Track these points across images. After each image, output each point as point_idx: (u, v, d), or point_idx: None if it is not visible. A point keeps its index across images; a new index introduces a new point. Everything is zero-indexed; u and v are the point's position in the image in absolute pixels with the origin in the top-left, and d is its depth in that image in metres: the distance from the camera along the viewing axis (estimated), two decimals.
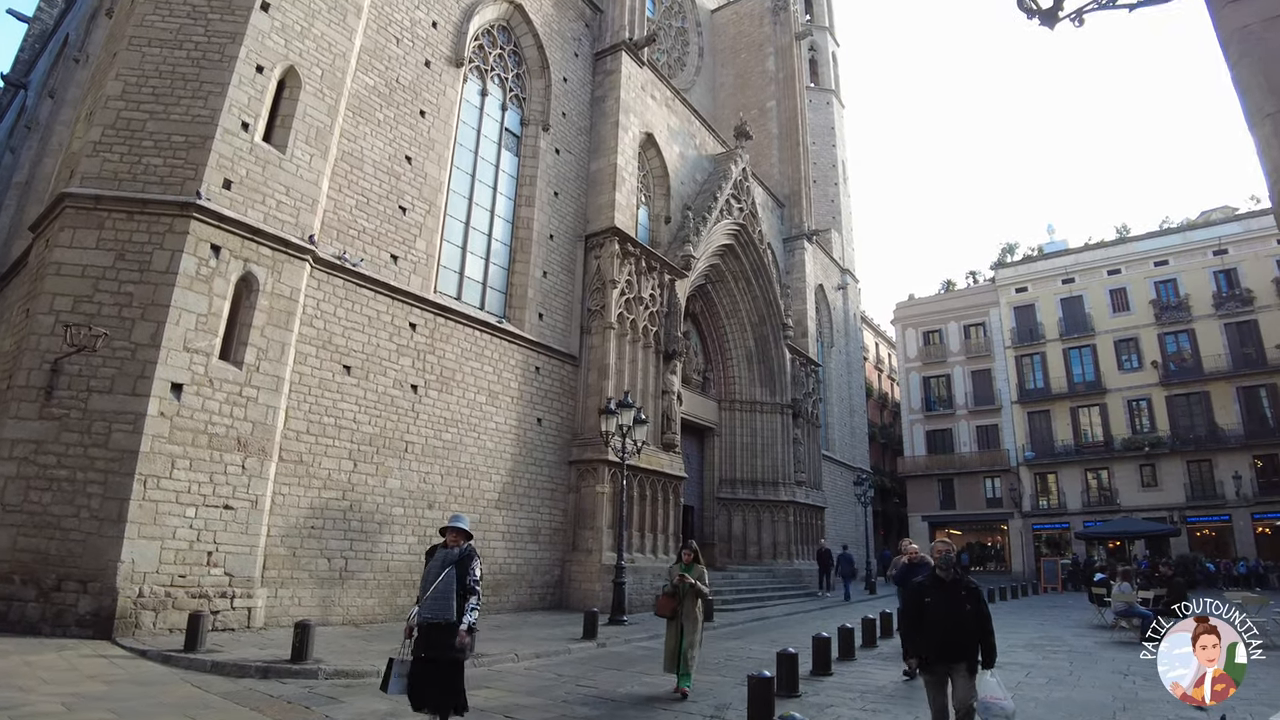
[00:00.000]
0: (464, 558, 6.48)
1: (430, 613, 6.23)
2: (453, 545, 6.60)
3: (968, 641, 6.00)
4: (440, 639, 6.22)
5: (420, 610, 6.31)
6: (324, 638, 12.12)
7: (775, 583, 25.90)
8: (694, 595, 9.06)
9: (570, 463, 19.70)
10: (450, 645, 6.21)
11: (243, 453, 12.60)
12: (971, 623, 6.03)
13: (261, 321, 13.26)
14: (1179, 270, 43.76)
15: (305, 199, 14.32)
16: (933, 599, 6.19)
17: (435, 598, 6.25)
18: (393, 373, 15.48)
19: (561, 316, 20.40)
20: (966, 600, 6.14)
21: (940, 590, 6.24)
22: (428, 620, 6.23)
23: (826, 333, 39.77)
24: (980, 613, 6.12)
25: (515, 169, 20.48)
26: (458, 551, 6.52)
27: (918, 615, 6.29)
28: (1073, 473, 44.05)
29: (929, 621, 6.13)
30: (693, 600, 9.05)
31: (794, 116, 37.71)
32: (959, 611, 6.06)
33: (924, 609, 6.22)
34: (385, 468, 15.05)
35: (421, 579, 6.63)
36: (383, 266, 15.75)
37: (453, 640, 6.20)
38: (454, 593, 6.27)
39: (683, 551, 9.53)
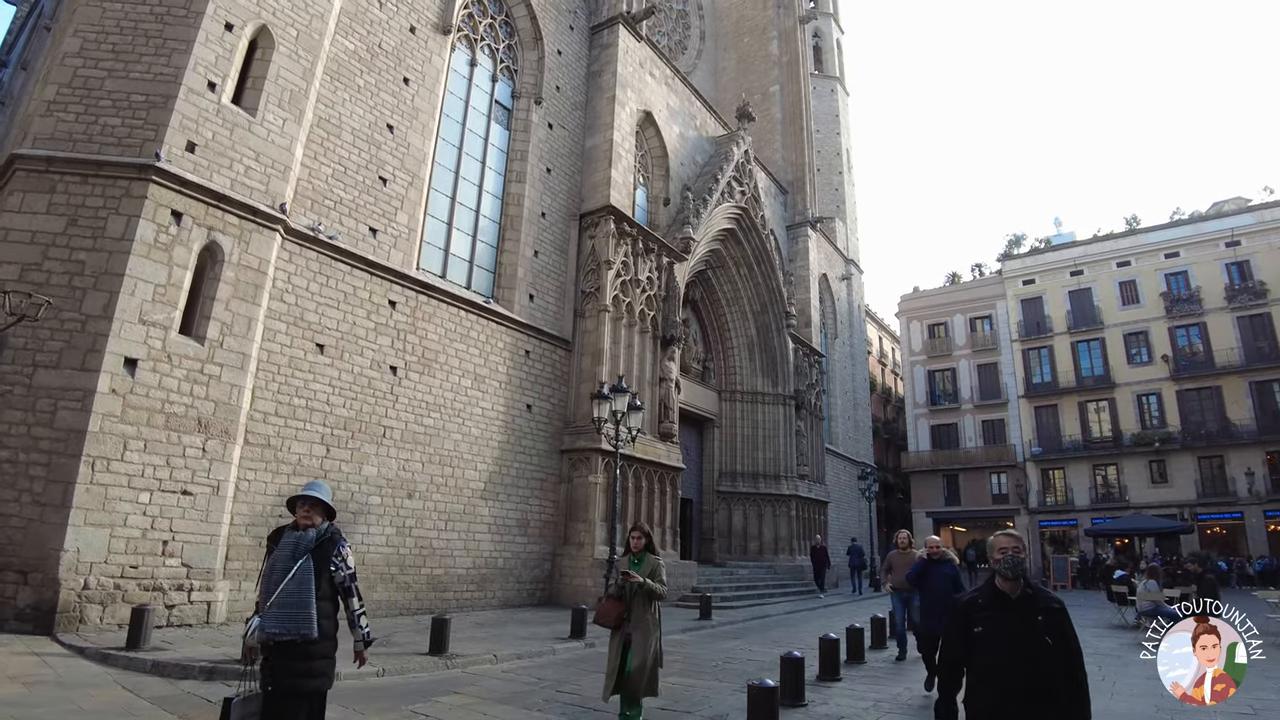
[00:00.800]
0: (324, 543, 4.54)
1: (277, 625, 4.31)
2: (305, 525, 4.58)
3: (1047, 700, 3.59)
4: (295, 663, 4.38)
5: (262, 622, 4.32)
6: None
7: (776, 579, 24.96)
8: (645, 598, 6.56)
9: (562, 452, 18.76)
10: (312, 671, 4.45)
11: (204, 434, 11.67)
12: (1054, 664, 3.62)
13: (227, 294, 12.34)
14: (1190, 262, 42.71)
15: (277, 165, 13.39)
16: (989, 626, 3.72)
17: (284, 604, 4.32)
18: (370, 353, 14.53)
19: (554, 298, 19.44)
20: (1045, 627, 3.68)
21: (1002, 612, 3.74)
22: (274, 636, 4.33)
23: (830, 324, 38.79)
24: (1069, 648, 3.69)
25: (505, 143, 19.51)
26: (313, 535, 4.53)
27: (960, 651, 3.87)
28: (1080, 469, 43.03)
29: (983, 665, 3.74)
30: (644, 605, 6.56)
31: (798, 101, 36.71)
32: (1033, 646, 3.62)
33: (973, 642, 3.77)
34: (361, 454, 14.11)
35: (261, 575, 4.58)
36: (360, 240, 14.81)
37: (314, 664, 4.45)
38: (311, 595, 4.34)
39: (630, 538, 6.85)
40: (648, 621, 6.56)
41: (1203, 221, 44.68)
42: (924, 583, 9.26)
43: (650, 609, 6.60)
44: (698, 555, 25.38)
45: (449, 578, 15.43)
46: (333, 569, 4.53)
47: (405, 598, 14.46)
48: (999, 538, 4.03)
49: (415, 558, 14.78)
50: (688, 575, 20.57)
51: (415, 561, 14.77)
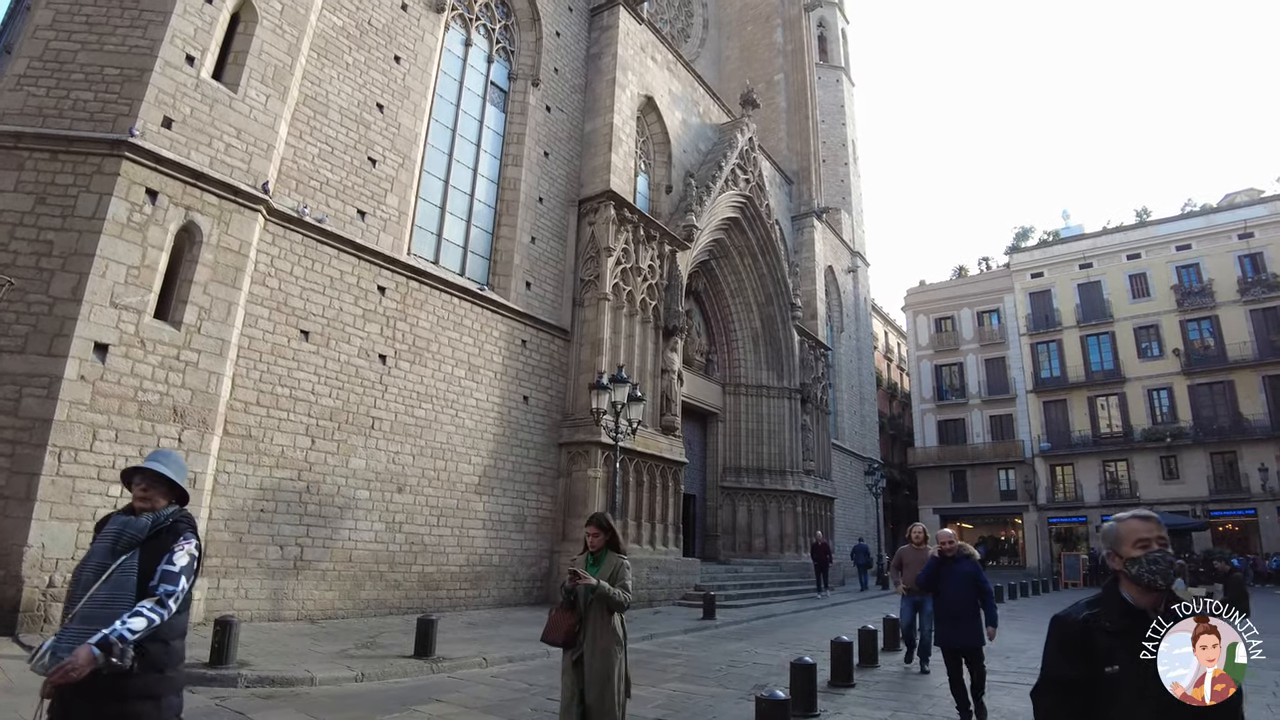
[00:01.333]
0: (160, 534, 3.15)
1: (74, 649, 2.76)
2: (141, 509, 3.25)
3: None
4: (100, 705, 2.88)
5: (55, 644, 2.87)
6: (270, 635, 10.65)
7: (782, 577, 24.31)
8: (603, 608, 5.01)
9: (560, 445, 18.11)
10: (125, 717, 2.93)
11: (179, 424, 11.06)
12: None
13: (205, 277, 11.73)
14: (1202, 254, 41.98)
15: (259, 144, 12.77)
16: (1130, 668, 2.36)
17: (89, 617, 2.90)
18: (358, 340, 13.90)
19: (551, 286, 18.78)
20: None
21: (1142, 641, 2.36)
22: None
23: (836, 317, 38.09)
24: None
25: (502, 126, 18.85)
26: (147, 522, 3.17)
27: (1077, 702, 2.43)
28: (1090, 464, 42.34)
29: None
30: (602, 618, 5.01)
31: (803, 90, 36.01)
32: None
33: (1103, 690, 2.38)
34: (348, 446, 13.48)
35: (72, 576, 3.25)
36: (348, 222, 14.17)
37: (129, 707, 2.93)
38: (129, 608, 2.91)
39: (587, 533, 5.36)
40: (608, 640, 4.96)
41: (1215, 213, 43.98)
42: (938, 585, 7.55)
43: (611, 623, 5.00)
44: (701, 552, 24.74)
45: (441, 575, 14.80)
46: (168, 572, 3.04)
47: (395, 596, 13.84)
48: (1129, 522, 2.53)
49: (406, 554, 14.16)
50: (691, 573, 19.93)
51: (406, 558, 14.14)
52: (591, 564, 5.15)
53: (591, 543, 5.25)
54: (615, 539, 5.30)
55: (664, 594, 18.49)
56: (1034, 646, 12.93)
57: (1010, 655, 11.82)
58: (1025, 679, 9.64)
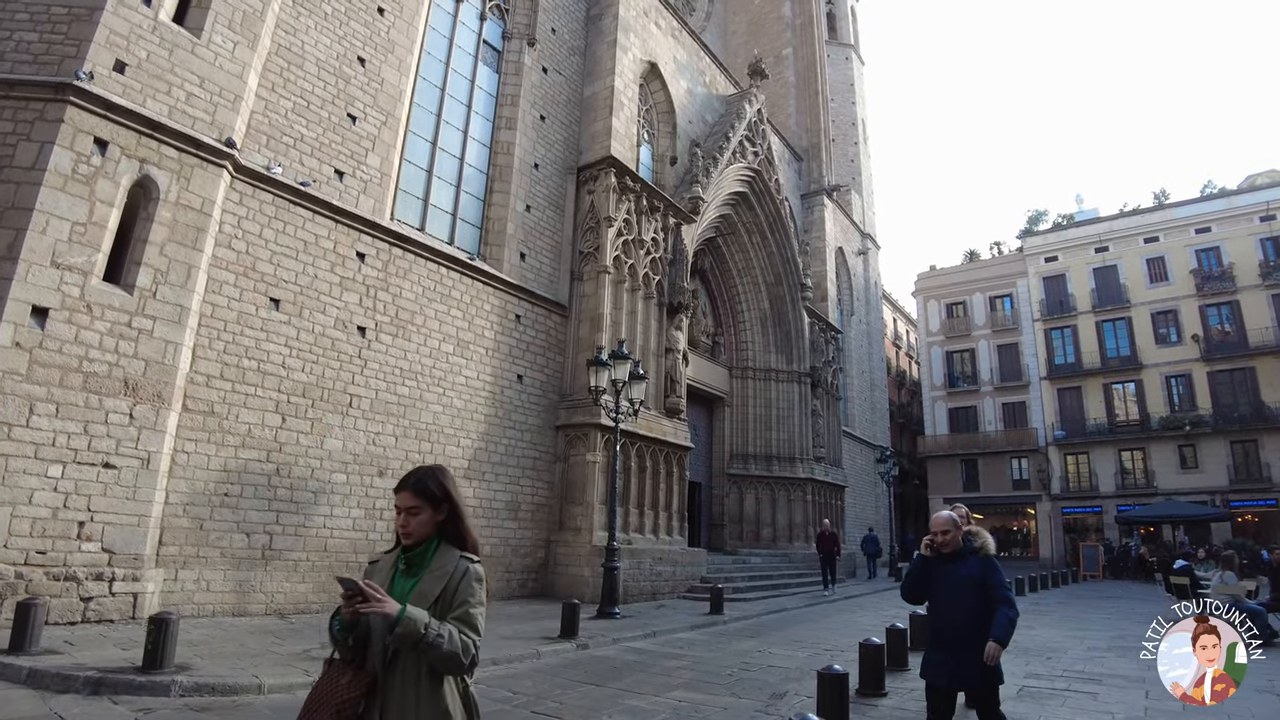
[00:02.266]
0: None
1: None
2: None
3: None
4: None
5: None
6: (228, 632, 9.55)
7: (792, 568, 23.19)
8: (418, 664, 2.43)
9: (557, 428, 16.98)
10: None
11: (131, 398, 9.95)
12: None
13: (162, 237, 10.60)
14: (1222, 238, 40.61)
15: (225, 94, 11.62)
16: None
17: None
18: (334, 310, 12.75)
19: (548, 259, 17.60)
20: None
21: None
22: None
23: (846, 300, 36.86)
24: None
25: (495, 87, 17.64)
26: None
27: None
28: (1106, 453, 41.07)
29: None
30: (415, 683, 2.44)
31: (812, 65, 34.72)
32: None
33: None
34: (323, 425, 12.35)
35: None
36: (325, 182, 13.01)
37: None
38: None
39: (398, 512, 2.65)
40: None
41: (1235, 195, 42.59)
42: (931, 595, 5.11)
43: (437, 696, 2.46)
44: (707, 543, 23.65)
45: None
46: None
47: None
48: None
49: (388, 544, 13.01)
50: (697, 564, 18.82)
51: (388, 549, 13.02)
52: (403, 570, 2.66)
53: (404, 527, 2.63)
54: (462, 528, 2.71)
55: (668, 587, 17.38)
56: (1074, 645, 11.80)
57: (1051, 655, 10.67)
58: (1080, 684, 8.50)
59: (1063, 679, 8.87)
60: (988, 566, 4.90)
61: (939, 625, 4.98)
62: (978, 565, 4.89)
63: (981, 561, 4.93)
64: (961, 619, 4.80)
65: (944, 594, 4.93)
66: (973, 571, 4.86)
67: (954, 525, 4.96)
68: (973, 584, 4.83)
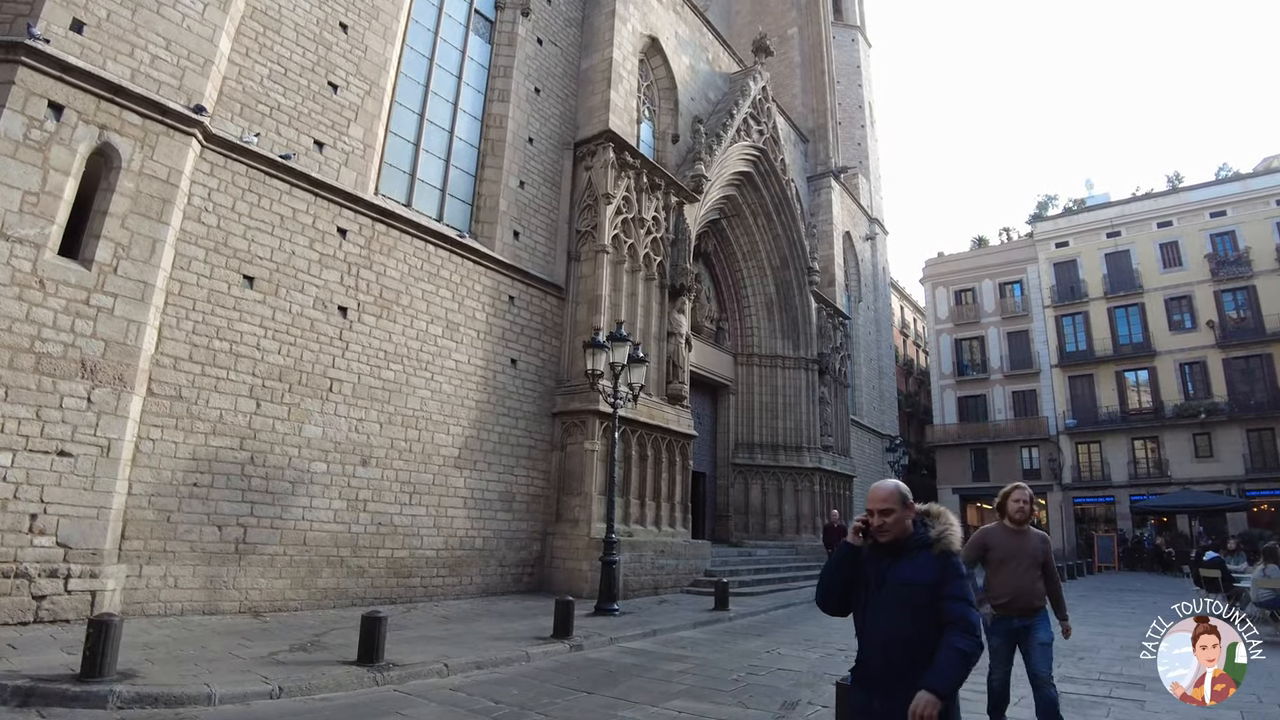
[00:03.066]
0: None
1: None
2: None
3: None
4: None
5: None
6: (192, 633, 8.83)
7: (799, 560, 22.41)
8: None
9: (554, 415, 16.22)
10: None
11: (89, 381, 9.22)
12: None
13: (124, 209, 9.86)
14: (1238, 221, 39.62)
15: (195, 58, 10.85)
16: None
17: None
18: (313, 289, 11.98)
19: (544, 237, 16.80)
20: None
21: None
22: None
23: (854, 286, 36.01)
24: None
25: (487, 58, 16.81)
26: None
27: None
28: (1118, 442, 40.19)
29: None
30: None
31: (818, 44, 33.83)
32: None
33: None
34: (301, 410, 11.60)
35: None
36: (304, 154, 12.23)
37: None
38: None
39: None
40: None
41: (1251, 178, 41.57)
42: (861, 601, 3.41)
43: None
44: (711, 534, 22.91)
45: (415, 561, 12.94)
46: None
47: (359, 585, 11.99)
48: None
49: (372, 537, 12.30)
50: (701, 557, 18.07)
51: (372, 541, 12.29)
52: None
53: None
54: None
55: (671, 580, 16.63)
56: (1105, 644, 11.01)
57: (1084, 655, 9.89)
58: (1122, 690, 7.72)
59: (1101, 684, 8.09)
60: (946, 568, 3.17)
61: (866, 652, 3.32)
62: (931, 565, 3.18)
63: (937, 560, 3.19)
64: (897, 644, 3.16)
65: (875, 604, 3.25)
66: (922, 575, 3.17)
67: (901, 502, 3.26)
68: (919, 593, 3.15)
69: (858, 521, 3.33)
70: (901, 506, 3.25)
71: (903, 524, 3.26)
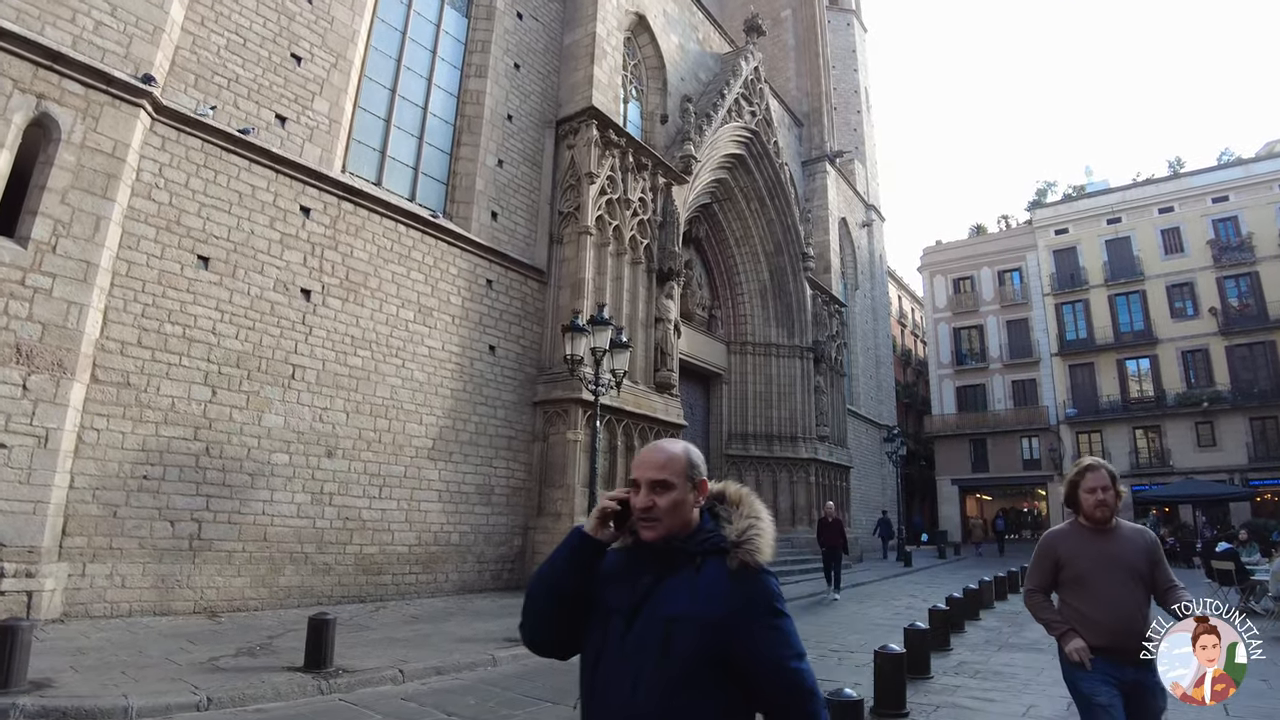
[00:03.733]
0: None
1: None
2: None
3: None
4: None
5: None
6: (132, 636, 8.20)
7: (795, 554, 21.80)
8: None
9: (535, 404, 15.58)
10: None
11: (24, 366, 8.59)
12: None
13: (64, 184, 9.22)
14: (1241, 207, 38.99)
15: (143, 25, 10.20)
16: None
17: None
18: (274, 271, 11.33)
19: (524, 219, 16.12)
20: None
21: None
22: None
23: (850, 274, 35.34)
24: None
25: (464, 32, 16.11)
26: None
27: None
28: (1120, 431, 39.62)
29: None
30: None
31: (812, 26, 33.08)
32: None
33: None
34: (261, 399, 10.95)
35: None
36: (264, 128, 11.57)
37: None
38: None
39: None
40: None
41: (1254, 163, 40.91)
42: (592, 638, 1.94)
43: None
44: None
45: (385, 557, 12.30)
46: None
47: (324, 583, 11.36)
48: None
49: (339, 532, 11.66)
50: None
51: (339, 537, 11.65)
52: None
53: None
54: None
55: None
56: None
57: None
58: None
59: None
60: (750, 598, 1.80)
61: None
62: (721, 590, 1.80)
63: (734, 582, 1.81)
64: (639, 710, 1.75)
65: (616, 652, 1.83)
66: (705, 606, 1.78)
67: (687, 476, 1.92)
68: (696, 637, 1.75)
69: (608, 500, 1.94)
70: (686, 483, 1.90)
71: (683, 513, 1.89)
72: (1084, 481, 3.71)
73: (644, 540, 1.90)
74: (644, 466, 1.91)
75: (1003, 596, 15.50)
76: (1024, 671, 8.14)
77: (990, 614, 13.30)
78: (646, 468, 1.90)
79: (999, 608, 14.28)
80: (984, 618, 12.70)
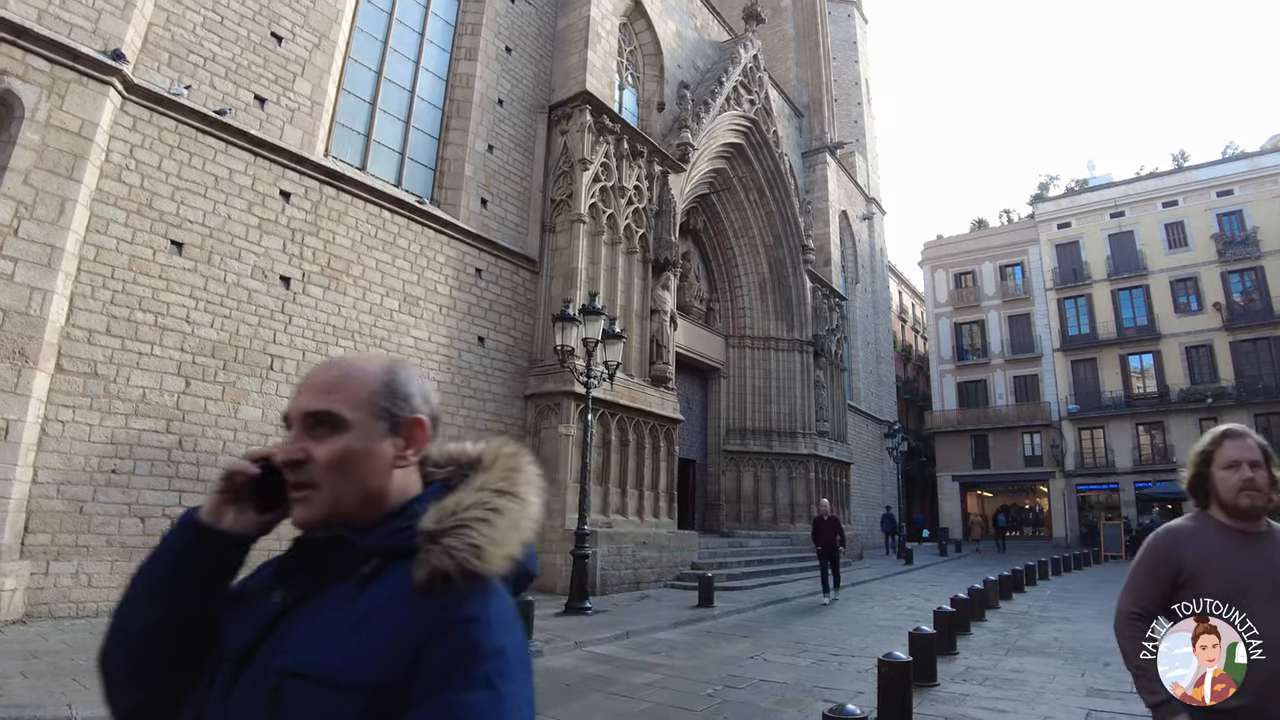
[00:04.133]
0: None
1: None
2: None
3: None
4: None
5: None
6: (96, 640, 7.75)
7: (793, 551, 21.38)
8: None
9: (526, 397, 15.16)
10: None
11: None
12: None
13: (27, 164, 8.78)
14: (1245, 200, 38.52)
15: (113, 1, 9.73)
16: None
17: None
18: (252, 257, 10.89)
19: (515, 207, 15.67)
20: None
21: None
22: None
23: (850, 267, 34.92)
24: None
25: (453, 15, 15.65)
26: None
27: None
28: (1122, 427, 39.16)
29: None
30: None
31: (812, 15, 32.61)
32: None
33: None
34: (238, 390, 10.53)
35: None
36: (242, 110, 11.13)
37: None
38: None
39: None
40: None
41: (1259, 156, 40.44)
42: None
43: None
44: (701, 524, 21.90)
45: None
46: None
47: None
48: None
49: None
50: (687, 549, 17.02)
51: None
52: None
53: None
54: None
55: (654, 574, 15.60)
56: None
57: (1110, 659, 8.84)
58: None
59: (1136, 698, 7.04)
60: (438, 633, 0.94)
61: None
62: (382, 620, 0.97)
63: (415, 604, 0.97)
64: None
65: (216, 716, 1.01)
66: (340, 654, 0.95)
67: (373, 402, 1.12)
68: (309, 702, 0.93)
69: (243, 461, 1.20)
70: (375, 422, 1.12)
71: (366, 476, 1.11)
72: (1220, 453, 2.47)
73: (298, 528, 1.13)
74: (302, 390, 1.14)
75: (1008, 596, 15.07)
76: (1035, 678, 7.71)
77: (996, 615, 12.88)
78: (304, 391, 1.14)
79: (1004, 608, 13.85)
80: (990, 619, 12.28)
